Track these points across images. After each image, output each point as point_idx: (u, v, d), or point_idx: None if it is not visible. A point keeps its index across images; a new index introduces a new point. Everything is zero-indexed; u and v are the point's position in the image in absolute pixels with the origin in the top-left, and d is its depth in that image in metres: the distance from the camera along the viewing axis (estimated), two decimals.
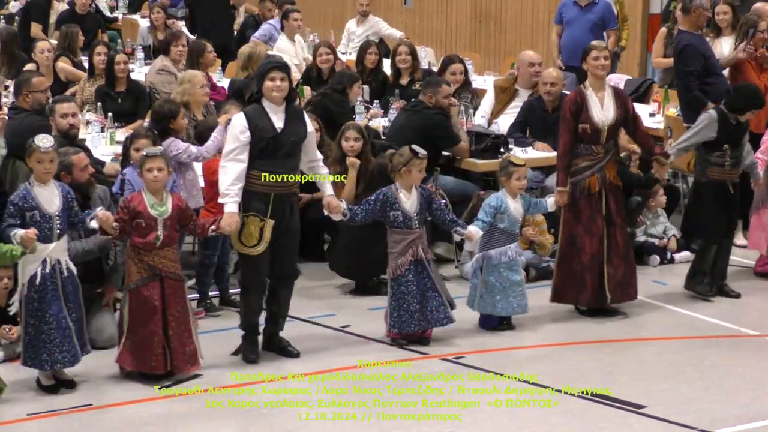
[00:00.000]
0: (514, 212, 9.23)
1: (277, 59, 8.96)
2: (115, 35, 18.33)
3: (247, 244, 8.40)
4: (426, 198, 8.94)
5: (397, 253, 8.85)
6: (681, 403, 8.06)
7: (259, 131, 8.28)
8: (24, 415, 7.80)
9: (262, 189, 8.34)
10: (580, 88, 9.60)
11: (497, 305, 9.24)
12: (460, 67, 12.61)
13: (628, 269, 9.64)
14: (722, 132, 9.83)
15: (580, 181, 9.45)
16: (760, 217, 10.52)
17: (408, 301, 8.82)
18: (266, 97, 8.38)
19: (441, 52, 16.78)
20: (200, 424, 7.71)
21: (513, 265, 9.24)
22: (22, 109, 10.22)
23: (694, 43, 11.49)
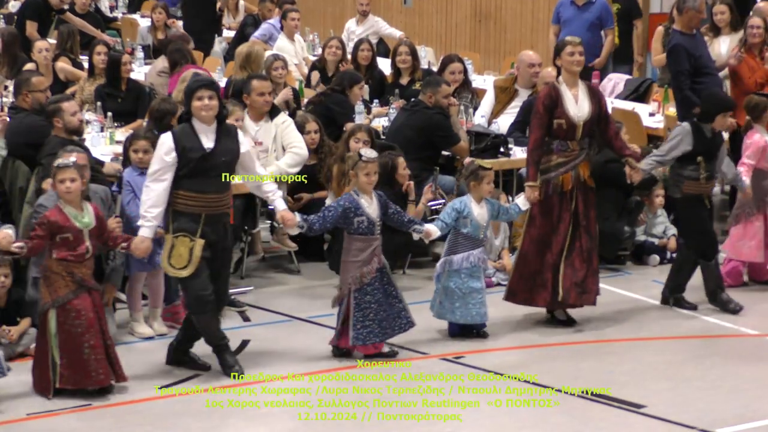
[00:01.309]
0: (477, 218, 9.03)
1: (205, 78, 8.66)
2: (115, 35, 18.31)
3: (176, 265, 8.16)
4: (383, 203, 8.71)
5: (362, 261, 8.56)
6: (681, 402, 8.06)
7: (186, 152, 8.08)
8: (24, 414, 7.79)
9: (193, 209, 8.14)
10: (554, 84, 9.41)
11: (456, 312, 9.04)
12: (459, 67, 12.61)
13: (590, 273, 9.37)
14: (697, 144, 9.60)
15: (553, 178, 9.26)
16: (748, 225, 10.31)
17: (375, 311, 8.57)
18: (195, 117, 8.17)
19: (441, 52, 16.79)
20: (200, 424, 7.71)
21: (475, 271, 9.02)
22: (22, 109, 10.22)
23: (684, 43, 11.51)
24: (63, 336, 7.92)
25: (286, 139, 10.69)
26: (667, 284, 10.00)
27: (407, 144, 10.91)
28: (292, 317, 9.62)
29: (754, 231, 10.31)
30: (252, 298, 10.05)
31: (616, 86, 14.41)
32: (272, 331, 9.39)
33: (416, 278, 10.65)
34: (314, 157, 10.99)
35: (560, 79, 9.39)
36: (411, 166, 10.41)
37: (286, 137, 10.69)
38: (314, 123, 11.06)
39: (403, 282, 10.40)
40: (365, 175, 8.61)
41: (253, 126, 10.72)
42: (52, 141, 9.43)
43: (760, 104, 10.42)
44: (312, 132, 10.98)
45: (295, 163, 10.61)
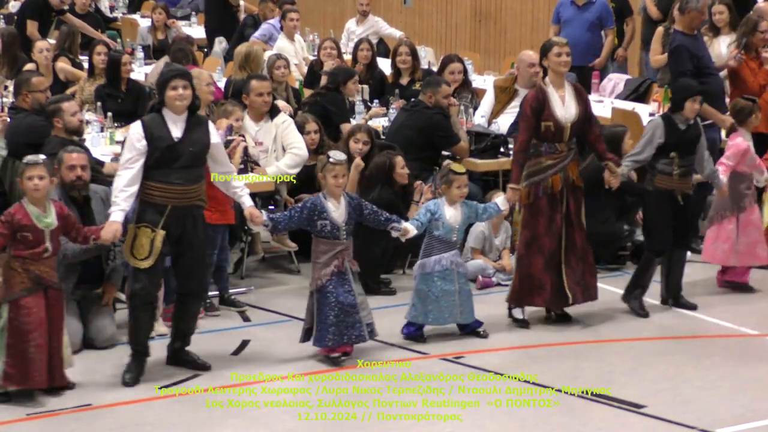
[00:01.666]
0: (450, 220, 8.95)
1: (179, 67, 8.64)
2: (115, 35, 18.31)
3: (137, 256, 8.10)
4: (355, 207, 8.61)
5: (322, 263, 8.51)
6: (681, 402, 8.06)
7: (155, 140, 8.03)
8: (24, 415, 7.79)
9: (159, 200, 8.07)
10: (541, 86, 9.35)
11: (429, 315, 8.98)
12: (459, 67, 12.61)
13: (587, 270, 9.40)
14: (670, 137, 9.51)
15: (542, 180, 9.22)
16: (721, 228, 10.26)
17: (325, 314, 8.50)
18: (168, 106, 8.12)
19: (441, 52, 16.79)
20: (200, 424, 7.71)
21: (447, 275, 8.94)
22: (22, 109, 10.22)
23: (686, 44, 11.49)
24: (11, 332, 7.87)
25: (287, 139, 10.69)
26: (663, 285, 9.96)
27: (407, 144, 10.91)
28: (292, 317, 9.61)
29: (727, 234, 10.24)
30: (252, 298, 10.05)
31: (616, 86, 14.40)
32: (272, 331, 9.39)
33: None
34: (314, 157, 10.98)
35: (547, 81, 9.33)
36: (411, 166, 10.42)
37: (287, 137, 10.70)
38: (314, 123, 11.07)
39: (402, 282, 10.40)
40: (333, 177, 8.51)
41: (254, 126, 10.72)
42: (52, 141, 9.43)
43: (745, 108, 10.35)
44: (312, 132, 10.99)
45: (295, 163, 10.62)
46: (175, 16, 18.54)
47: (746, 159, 10.22)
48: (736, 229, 10.23)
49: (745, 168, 10.23)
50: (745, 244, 10.25)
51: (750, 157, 10.24)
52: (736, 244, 10.24)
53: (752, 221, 10.29)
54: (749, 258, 10.32)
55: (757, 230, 10.32)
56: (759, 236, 10.32)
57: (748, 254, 10.30)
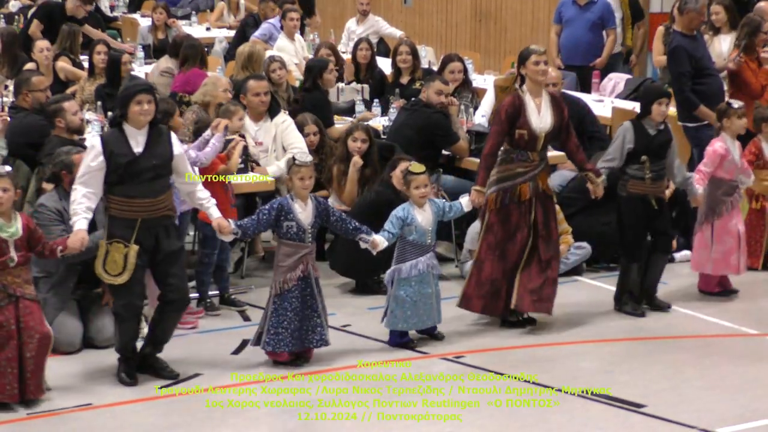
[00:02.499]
0: (422, 223, 8.83)
1: (143, 82, 8.45)
2: (115, 34, 18.31)
3: (111, 272, 8.02)
4: (321, 211, 8.52)
5: (287, 267, 8.38)
6: (681, 402, 8.06)
7: (115, 157, 7.93)
8: (24, 414, 7.79)
9: (128, 215, 8.00)
10: (518, 93, 9.20)
11: (409, 321, 8.88)
12: (459, 66, 12.60)
13: (548, 282, 9.21)
14: (639, 141, 9.42)
15: (511, 187, 9.11)
16: (702, 235, 10.10)
17: (289, 319, 8.38)
18: (130, 121, 8.01)
19: (441, 52, 16.79)
20: (200, 424, 7.71)
21: (424, 278, 8.84)
22: (22, 109, 10.23)
23: (684, 45, 11.51)
24: None
25: (287, 139, 10.70)
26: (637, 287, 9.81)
27: (407, 143, 10.92)
28: None
29: (705, 241, 10.08)
30: (252, 298, 10.05)
31: (616, 86, 14.41)
32: None
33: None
34: (315, 157, 10.97)
35: (524, 88, 9.21)
36: None
37: (287, 138, 10.70)
38: (313, 125, 11.04)
39: None
40: (299, 179, 8.42)
41: (253, 126, 10.73)
42: (53, 141, 9.44)
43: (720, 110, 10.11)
44: (311, 134, 10.97)
45: None
46: (176, 16, 18.53)
47: (724, 164, 10.00)
48: (711, 236, 10.05)
49: (723, 174, 10.01)
50: (720, 253, 10.04)
51: (729, 162, 10.00)
52: (713, 252, 10.06)
53: (728, 229, 10.05)
54: (722, 266, 10.11)
55: (733, 239, 10.06)
56: (734, 245, 10.06)
57: (722, 263, 10.08)
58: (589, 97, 13.36)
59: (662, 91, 9.68)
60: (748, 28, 11.85)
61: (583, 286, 10.54)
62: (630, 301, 9.73)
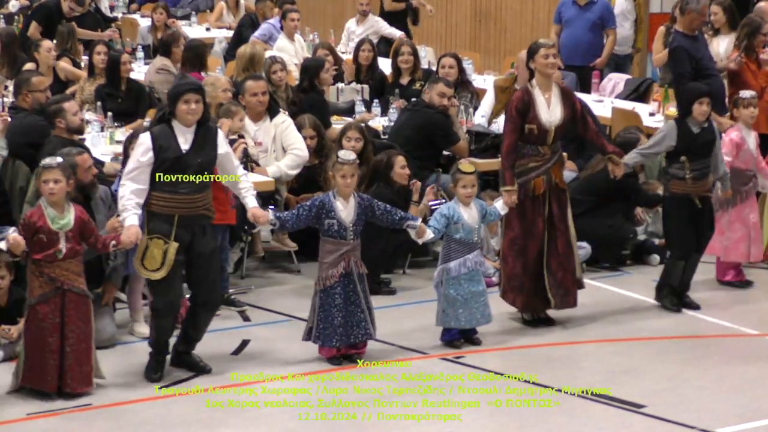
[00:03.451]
0: (469, 221, 8.85)
1: (193, 81, 8.60)
2: None
3: (149, 267, 8.08)
4: (365, 207, 8.54)
5: (329, 264, 8.46)
6: (681, 402, 8.06)
7: (163, 152, 8.02)
8: (24, 414, 7.79)
9: (166, 210, 8.06)
10: (527, 87, 9.24)
11: (461, 318, 8.87)
12: (450, 61, 12.61)
13: (568, 277, 9.30)
14: (681, 142, 9.48)
15: (525, 182, 9.14)
16: (718, 223, 10.09)
17: (333, 315, 8.43)
18: (178, 119, 8.11)
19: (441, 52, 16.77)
20: (200, 424, 7.71)
21: (474, 275, 8.88)
22: (22, 109, 10.22)
23: (685, 45, 11.52)
24: (29, 336, 7.95)
25: (287, 140, 10.69)
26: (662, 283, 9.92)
27: (407, 143, 10.92)
28: (291, 317, 9.62)
29: (720, 228, 10.16)
30: (252, 298, 10.05)
31: (616, 86, 14.41)
32: (272, 331, 9.39)
33: (416, 278, 10.64)
34: (315, 158, 10.99)
35: (533, 83, 9.25)
36: (411, 166, 10.41)
37: (287, 138, 10.70)
38: (311, 129, 11.01)
39: (403, 282, 10.41)
40: (341, 177, 8.47)
41: (253, 126, 10.73)
42: (53, 141, 9.43)
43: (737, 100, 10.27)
44: (308, 138, 10.94)
45: (296, 164, 10.62)
46: (176, 16, 18.53)
47: (740, 154, 10.16)
48: (725, 224, 10.21)
49: (739, 164, 10.17)
50: (731, 240, 10.24)
51: (744, 151, 10.17)
52: (724, 239, 10.24)
53: (742, 218, 10.24)
54: (733, 254, 10.29)
55: (746, 227, 10.25)
56: (747, 233, 10.24)
57: (733, 250, 10.27)
58: (589, 98, 13.36)
59: (702, 91, 9.75)
60: (749, 28, 11.85)
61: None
62: (670, 296, 9.80)
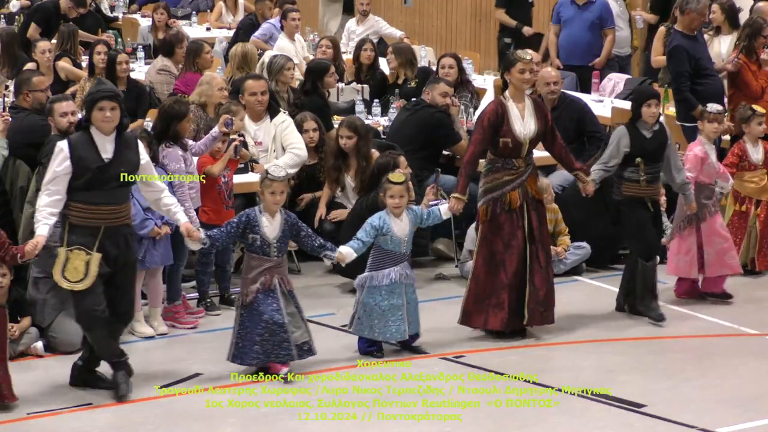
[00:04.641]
0: (398, 232, 8.65)
1: (108, 88, 8.16)
2: (116, 34, 18.30)
3: (71, 279, 7.84)
4: (291, 225, 8.35)
5: (250, 279, 8.28)
6: (681, 402, 8.07)
7: (82, 162, 7.78)
8: (24, 414, 7.80)
9: (91, 222, 7.83)
10: (501, 99, 9.08)
11: (374, 329, 8.69)
12: (450, 61, 12.61)
13: (549, 290, 9.12)
14: (635, 145, 9.35)
15: (500, 196, 8.97)
16: (682, 240, 9.96)
17: (251, 331, 8.24)
18: (95, 127, 7.85)
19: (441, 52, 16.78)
20: (200, 424, 7.71)
21: (395, 288, 8.65)
22: (23, 109, 10.22)
23: (684, 45, 11.53)
24: None
25: (286, 139, 10.70)
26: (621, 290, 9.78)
27: (408, 143, 10.92)
28: None
29: (688, 246, 9.97)
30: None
31: (616, 86, 14.41)
32: None
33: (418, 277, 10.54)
34: (315, 156, 11.00)
35: (507, 94, 9.10)
36: (411, 165, 10.41)
37: (286, 137, 10.70)
38: (312, 122, 11.05)
39: None
40: (270, 193, 8.28)
41: (252, 126, 10.74)
42: (53, 140, 9.41)
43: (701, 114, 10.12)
44: (310, 131, 10.98)
45: (295, 163, 10.62)
46: (176, 16, 18.52)
47: (704, 168, 9.94)
48: (697, 240, 9.95)
49: (703, 178, 9.96)
50: (713, 254, 9.97)
51: (708, 165, 9.96)
52: (706, 254, 9.96)
53: (716, 230, 10.00)
54: (720, 267, 10.03)
55: (723, 239, 10.03)
56: (727, 245, 10.04)
57: (719, 264, 10.01)
58: (589, 97, 13.36)
59: (650, 93, 9.63)
60: (750, 29, 11.84)
61: (583, 286, 10.54)
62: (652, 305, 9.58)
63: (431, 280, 10.55)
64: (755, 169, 10.61)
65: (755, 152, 10.61)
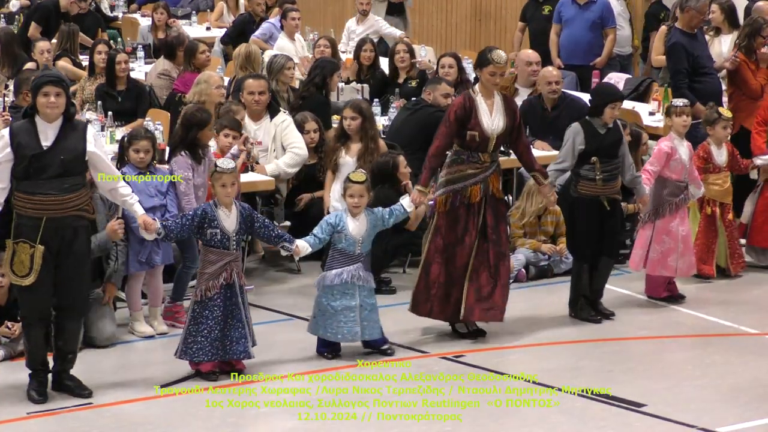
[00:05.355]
0: (353, 232, 8.57)
1: (53, 73, 7.96)
2: (116, 34, 18.30)
3: (18, 273, 7.69)
4: (247, 217, 8.27)
5: (209, 274, 8.15)
6: (681, 401, 8.07)
7: (21, 149, 7.57)
8: (24, 413, 7.80)
9: (32, 212, 7.62)
10: (469, 93, 9.03)
11: (327, 329, 8.61)
12: (450, 61, 12.62)
13: (498, 288, 9.00)
14: (589, 142, 9.27)
15: (462, 189, 8.91)
16: (641, 234, 9.92)
17: (210, 327, 8.13)
18: (40, 114, 7.66)
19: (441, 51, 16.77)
20: (200, 424, 7.71)
21: (348, 288, 8.56)
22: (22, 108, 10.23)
23: (683, 42, 11.55)
24: None
25: (287, 139, 10.70)
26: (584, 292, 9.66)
27: (408, 142, 10.93)
28: (292, 316, 9.62)
29: (644, 240, 9.93)
30: (252, 297, 10.01)
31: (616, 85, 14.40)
32: (272, 330, 9.38)
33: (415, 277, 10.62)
34: (314, 156, 11.00)
35: (476, 89, 9.09)
36: (411, 165, 10.41)
37: (286, 137, 10.71)
38: (314, 122, 11.05)
39: (403, 281, 10.41)
40: (221, 186, 8.19)
41: (253, 125, 10.74)
42: None
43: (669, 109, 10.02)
44: (311, 131, 10.98)
45: (295, 163, 10.63)
46: (176, 16, 18.52)
47: (670, 163, 9.86)
48: (651, 235, 9.90)
49: (669, 173, 9.88)
50: (658, 253, 9.89)
51: (675, 161, 9.87)
52: (651, 251, 9.90)
53: (669, 230, 9.89)
54: (658, 267, 9.93)
55: (673, 240, 9.89)
56: (675, 247, 9.90)
57: (659, 263, 9.92)
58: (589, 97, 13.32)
59: (616, 95, 9.57)
60: (750, 29, 11.83)
61: None
62: (586, 307, 9.58)
63: None
64: (719, 172, 10.53)
65: (719, 155, 10.55)
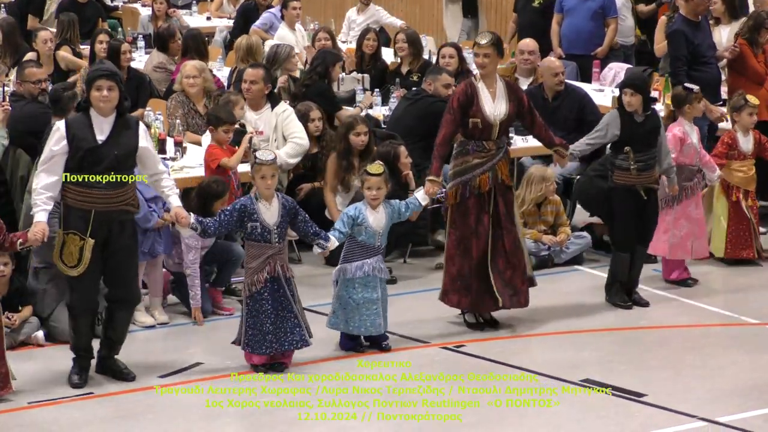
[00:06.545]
0: (373, 224, 8.54)
1: (106, 67, 8.00)
2: (116, 24, 18.27)
3: (67, 263, 7.80)
4: (289, 210, 8.23)
5: (254, 269, 8.15)
6: (681, 391, 8.07)
7: (77, 142, 7.65)
8: (24, 403, 7.81)
9: (82, 205, 7.73)
10: (471, 80, 9.07)
11: (350, 323, 8.59)
12: (450, 51, 12.60)
13: (517, 275, 9.04)
14: (625, 130, 9.31)
15: (470, 179, 8.89)
16: (662, 219, 9.87)
17: (262, 321, 8.15)
18: (94, 107, 7.74)
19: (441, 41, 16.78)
20: (200, 424, 7.68)
21: (369, 281, 8.53)
22: (23, 97, 10.24)
23: (684, 30, 11.54)
24: None
25: (288, 129, 10.68)
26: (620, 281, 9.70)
27: (408, 133, 10.91)
28: None
29: (666, 226, 9.96)
30: None
31: (616, 76, 14.38)
32: None
33: (417, 267, 10.64)
34: (316, 146, 10.98)
35: (477, 76, 9.09)
36: (412, 155, 10.40)
37: (288, 127, 10.69)
38: (317, 111, 11.03)
39: (404, 271, 10.41)
40: (261, 178, 8.16)
41: (253, 115, 10.73)
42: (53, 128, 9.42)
43: (679, 96, 10.07)
44: (316, 119, 10.96)
45: (296, 153, 10.61)
46: (176, 6, 18.50)
47: (683, 149, 9.94)
48: (673, 220, 9.99)
49: (683, 159, 9.93)
50: (677, 237, 10.00)
51: (688, 146, 9.96)
52: (671, 236, 9.99)
53: (688, 214, 10.01)
54: (679, 251, 10.05)
55: (691, 224, 10.02)
56: (692, 230, 10.03)
57: (679, 248, 10.03)
58: (589, 87, 13.35)
59: (624, 82, 9.57)
60: (754, 22, 11.83)
61: (584, 275, 10.54)
62: (620, 293, 9.63)
63: (431, 270, 10.53)
64: (744, 159, 10.58)
65: (745, 142, 10.60)
